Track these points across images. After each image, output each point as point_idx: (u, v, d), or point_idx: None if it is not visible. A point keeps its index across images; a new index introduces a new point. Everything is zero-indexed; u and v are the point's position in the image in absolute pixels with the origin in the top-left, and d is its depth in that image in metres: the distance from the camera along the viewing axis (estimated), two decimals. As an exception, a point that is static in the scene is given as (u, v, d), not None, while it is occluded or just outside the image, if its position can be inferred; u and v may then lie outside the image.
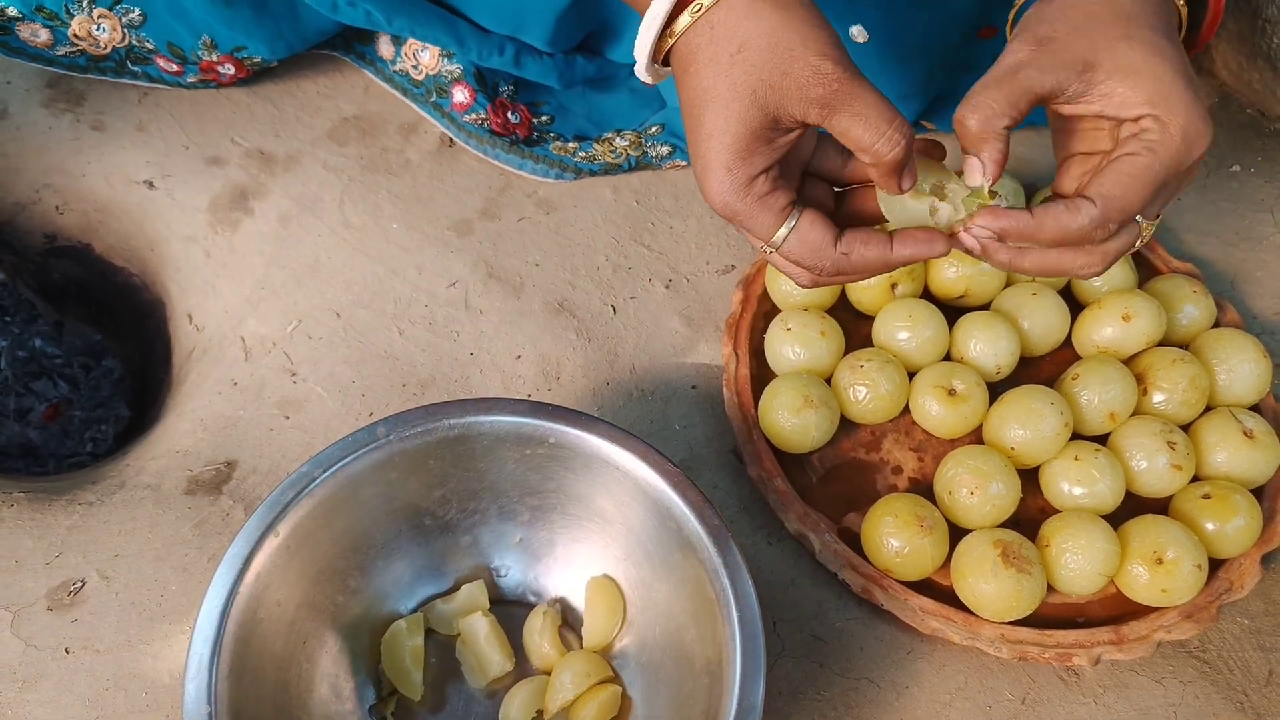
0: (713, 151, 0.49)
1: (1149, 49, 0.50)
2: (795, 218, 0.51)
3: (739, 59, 0.48)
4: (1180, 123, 0.49)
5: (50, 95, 0.84)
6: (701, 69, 0.49)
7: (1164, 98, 0.49)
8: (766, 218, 0.51)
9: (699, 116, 0.49)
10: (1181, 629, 0.61)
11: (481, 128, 0.81)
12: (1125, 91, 0.50)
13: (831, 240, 0.51)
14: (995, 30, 0.73)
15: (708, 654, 0.54)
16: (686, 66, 0.50)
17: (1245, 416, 0.67)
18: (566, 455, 0.59)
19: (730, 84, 0.48)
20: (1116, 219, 0.50)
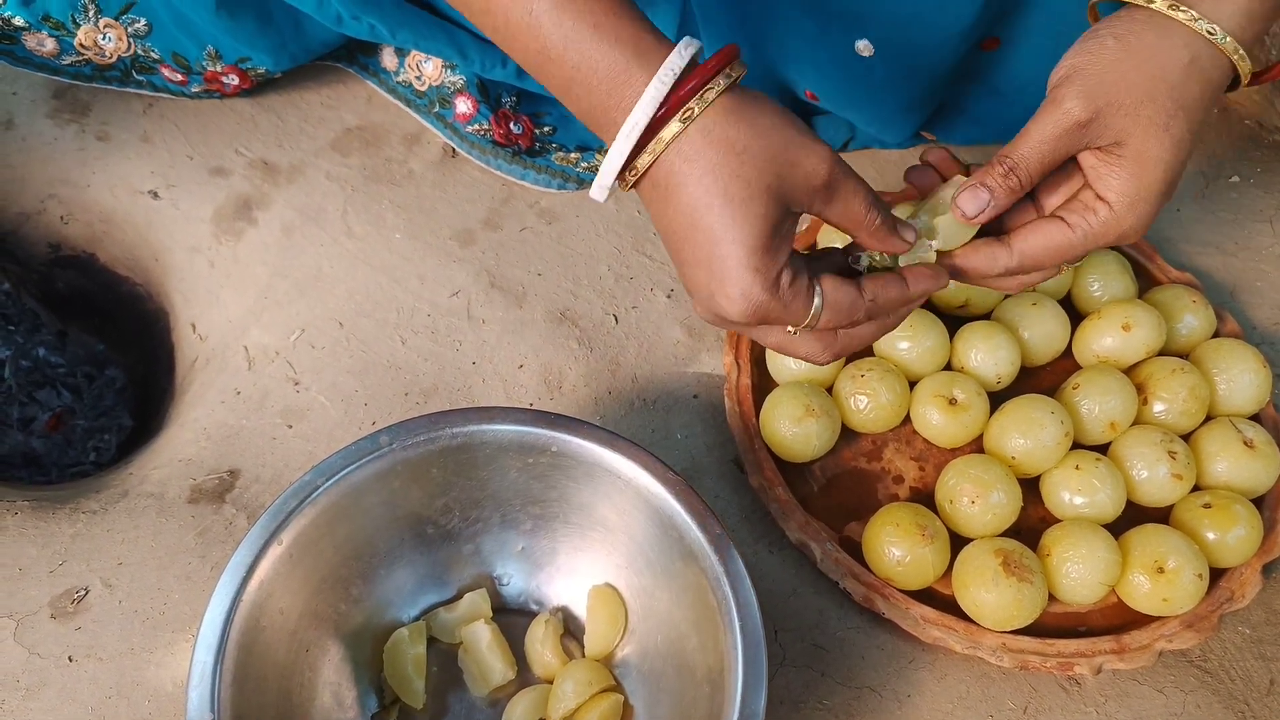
0: (735, 258, 0.47)
1: (1168, 150, 0.51)
2: (819, 290, 0.50)
3: (748, 157, 0.46)
4: (1124, 227, 0.53)
5: (56, 106, 0.84)
6: (704, 176, 0.47)
7: (1133, 202, 0.52)
8: (798, 304, 0.49)
9: (708, 226, 0.47)
10: (1183, 638, 0.62)
11: (484, 138, 0.82)
12: (1116, 178, 0.52)
13: (856, 291, 0.51)
14: (998, 42, 0.73)
15: (709, 663, 0.55)
16: (679, 179, 0.47)
17: (1245, 426, 0.67)
18: (569, 464, 0.59)
19: (745, 183, 0.46)
20: (1029, 270, 0.56)
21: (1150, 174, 0.52)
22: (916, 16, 0.68)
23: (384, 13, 0.73)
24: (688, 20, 0.74)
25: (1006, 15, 0.70)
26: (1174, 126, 0.51)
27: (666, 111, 0.46)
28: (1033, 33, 0.72)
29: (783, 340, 0.53)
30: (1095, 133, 0.52)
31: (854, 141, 0.86)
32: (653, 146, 0.47)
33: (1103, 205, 0.53)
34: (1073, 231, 0.53)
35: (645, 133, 0.46)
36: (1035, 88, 0.77)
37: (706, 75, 0.46)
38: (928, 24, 0.69)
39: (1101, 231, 0.53)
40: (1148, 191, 0.52)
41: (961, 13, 0.68)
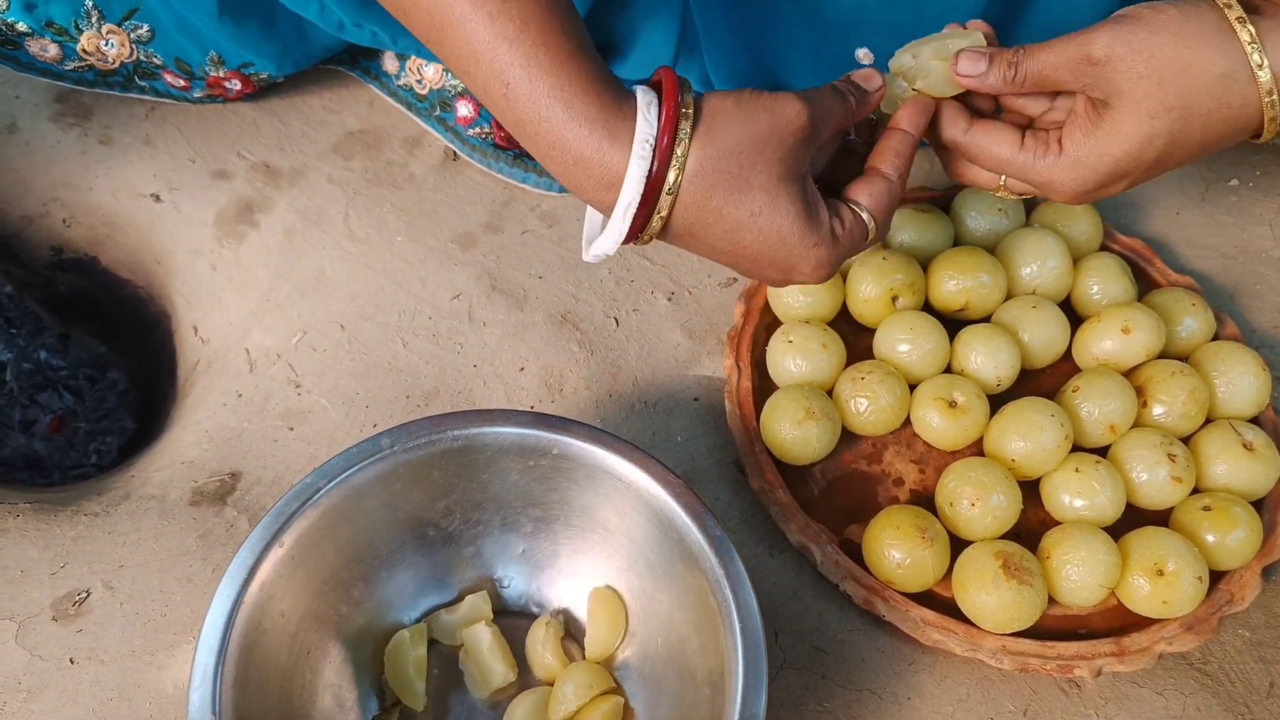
0: (791, 251, 0.51)
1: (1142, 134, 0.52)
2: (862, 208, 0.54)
3: (747, 172, 0.49)
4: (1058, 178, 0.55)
5: (58, 110, 0.84)
6: (722, 209, 0.50)
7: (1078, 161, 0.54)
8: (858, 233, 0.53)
9: (751, 243, 0.51)
10: (1182, 641, 0.62)
11: (485, 141, 0.82)
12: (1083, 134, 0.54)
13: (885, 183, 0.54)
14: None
15: (710, 665, 0.55)
16: (702, 220, 0.50)
17: (1245, 429, 0.67)
18: (569, 466, 0.59)
19: (760, 191, 0.50)
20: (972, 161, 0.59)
21: (1110, 149, 0.53)
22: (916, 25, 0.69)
23: (385, 20, 0.74)
24: (687, 30, 0.74)
25: (1005, 23, 0.70)
26: (1161, 119, 0.51)
27: (656, 173, 0.48)
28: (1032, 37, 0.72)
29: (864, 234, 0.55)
30: (1098, 76, 0.52)
31: (854, 145, 0.86)
32: (658, 211, 0.49)
33: (1055, 148, 0.55)
34: (1020, 152, 0.55)
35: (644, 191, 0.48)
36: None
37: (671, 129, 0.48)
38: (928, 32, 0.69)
39: (1036, 168, 0.55)
40: (1097, 163, 0.53)
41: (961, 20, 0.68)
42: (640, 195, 0.48)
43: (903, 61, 0.58)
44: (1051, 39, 0.54)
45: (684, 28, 0.74)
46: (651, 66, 0.77)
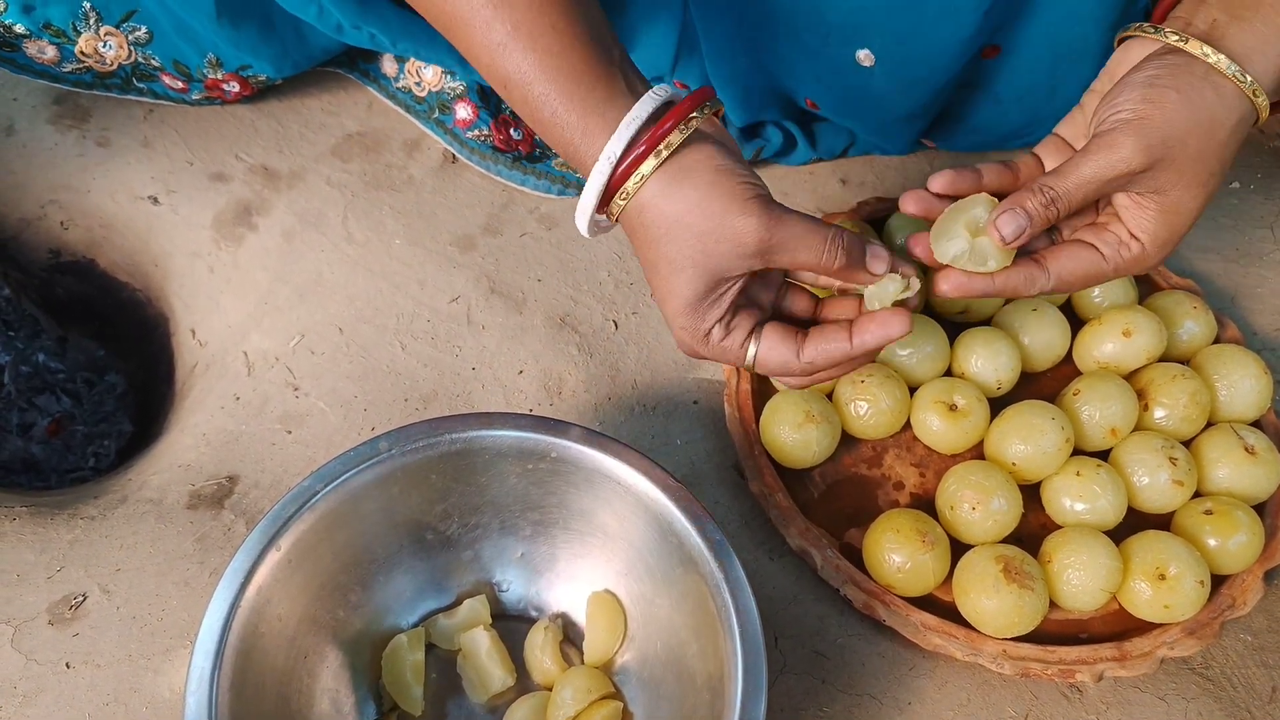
0: (670, 310, 0.54)
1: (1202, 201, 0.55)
2: (755, 345, 0.55)
3: (673, 235, 0.51)
4: (1151, 262, 0.57)
5: (56, 112, 0.84)
6: (645, 242, 0.53)
7: (1164, 243, 0.56)
8: (728, 356, 0.55)
9: (652, 278, 0.54)
10: (1184, 645, 0.61)
11: (484, 144, 0.82)
12: (1150, 220, 0.56)
13: (794, 353, 0.55)
14: (998, 50, 0.73)
15: (709, 669, 0.54)
16: (633, 233, 0.53)
17: (1246, 432, 0.67)
18: (568, 470, 0.59)
19: (669, 258, 0.52)
20: (1061, 292, 0.59)
21: (1182, 220, 0.56)
22: (918, 27, 0.69)
23: (385, 22, 0.74)
24: (687, 31, 0.74)
25: (1007, 23, 0.70)
26: (1211, 183, 0.55)
27: (624, 172, 0.51)
28: (1032, 41, 0.72)
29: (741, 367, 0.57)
30: (1142, 182, 0.54)
31: (854, 148, 0.86)
32: (611, 207, 0.53)
33: (1136, 243, 0.56)
34: (1106, 263, 0.57)
35: (598, 204, 0.52)
36: (1035, 95, 0.78)
37: (640, 158, 0.50)
38: (929, 35, 0.69)
39: (1131, 265, 0.57)
40: (1176, 234, 0.56)
41: (963, 23, 0.68)
42: (596, 198, 0.52)
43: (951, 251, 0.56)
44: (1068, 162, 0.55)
45: (684, 29, 0.74)
46: (651, 68, 0.76)
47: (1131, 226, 0.56)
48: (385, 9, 0.73)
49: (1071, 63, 0.74)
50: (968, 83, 0.77)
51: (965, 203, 0.57)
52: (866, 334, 0.54)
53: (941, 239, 0.57)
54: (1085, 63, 0.74)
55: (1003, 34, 0.72)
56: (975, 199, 0.57)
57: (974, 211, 0.57)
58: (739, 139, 0.82)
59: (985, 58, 0.74)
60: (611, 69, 0.51)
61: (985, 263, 0.56)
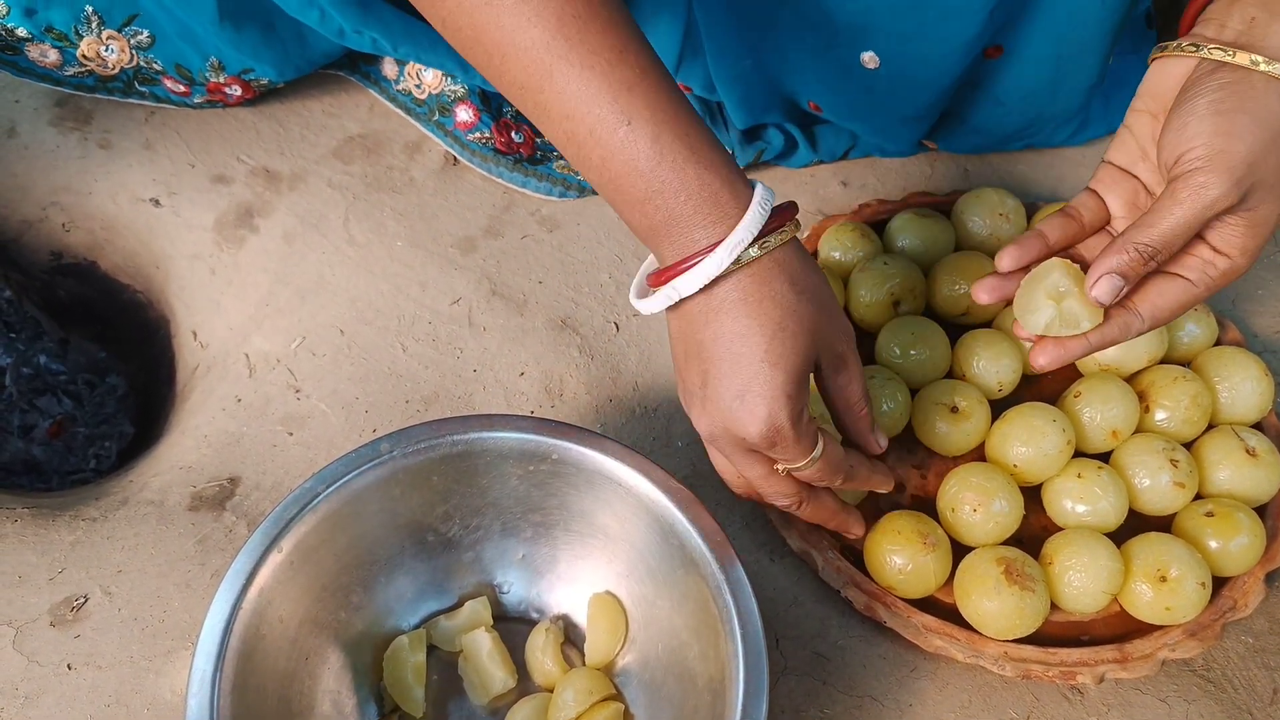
0: (775, 381, 0.50)
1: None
2: (823, 440, 0.55)
3: (803, 299, 0.51)
4: (1240, 272, 0.55)
5: (58, 114, 0.84)
6: (763, 301, 0.50)
7: (1252, 252, 0.55)
8: (806, 443, 0.53)
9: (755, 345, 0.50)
10: (1186, 647, 0.61)
11: (485, 146, 0.82)
12: (1236, 235, 0.54)
13: (844, 453, 0.57)
14: (1001, 50, 0.73)
15: (710, 671, 0.54)
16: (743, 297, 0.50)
17: (1248, 435, 0.67)
18: (569, 471, 0.59)
19: (799, 320, 0.51)
20: (1156, 327, 0.58)
21: (1268, 228, 0.55)
22: (922, 28, 0.69)
23: (386, 27, 0.74)
24: (691, 33, 0.74)
25: (1011, 23, 0.70)
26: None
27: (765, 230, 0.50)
28: (1036, 41, 0.72)
29: (765, 474, 0.55)
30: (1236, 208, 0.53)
31: (855, 150, 0.86)
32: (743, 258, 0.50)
33: (1223, 259, 0.55)
34: (1197, 287, 0.56)
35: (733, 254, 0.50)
36: (1037, 96, 0.78)
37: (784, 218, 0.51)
38: (933, 35, 0.69)
39: (1220, 280, 0.56)
40: (1263, 240, 0.55)
41: (967, 23, 0.68)
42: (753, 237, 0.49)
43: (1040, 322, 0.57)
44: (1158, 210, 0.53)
45: (688, 30, 0.74)
46: None
47: (1217, 244, 0.55)
48: (386, 13, 0.73)
49: (1073, 63, 0.74)
50: (970, 83, 0.77)
51: (1040, 271, 0.59)
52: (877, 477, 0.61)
53: (1027, 313, 0.58)
54: (1086, 63, 0.75)
55: (1006, 34, 0.72)
56: (1049, 265, 0.58)
57: (1052, 278, 0.58)
58: (740, 142, 0.82)
59: (988, 58, 0.74)
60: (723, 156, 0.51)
61: (1078, 325, 0.56)
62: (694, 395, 0.54)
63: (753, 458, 0.55)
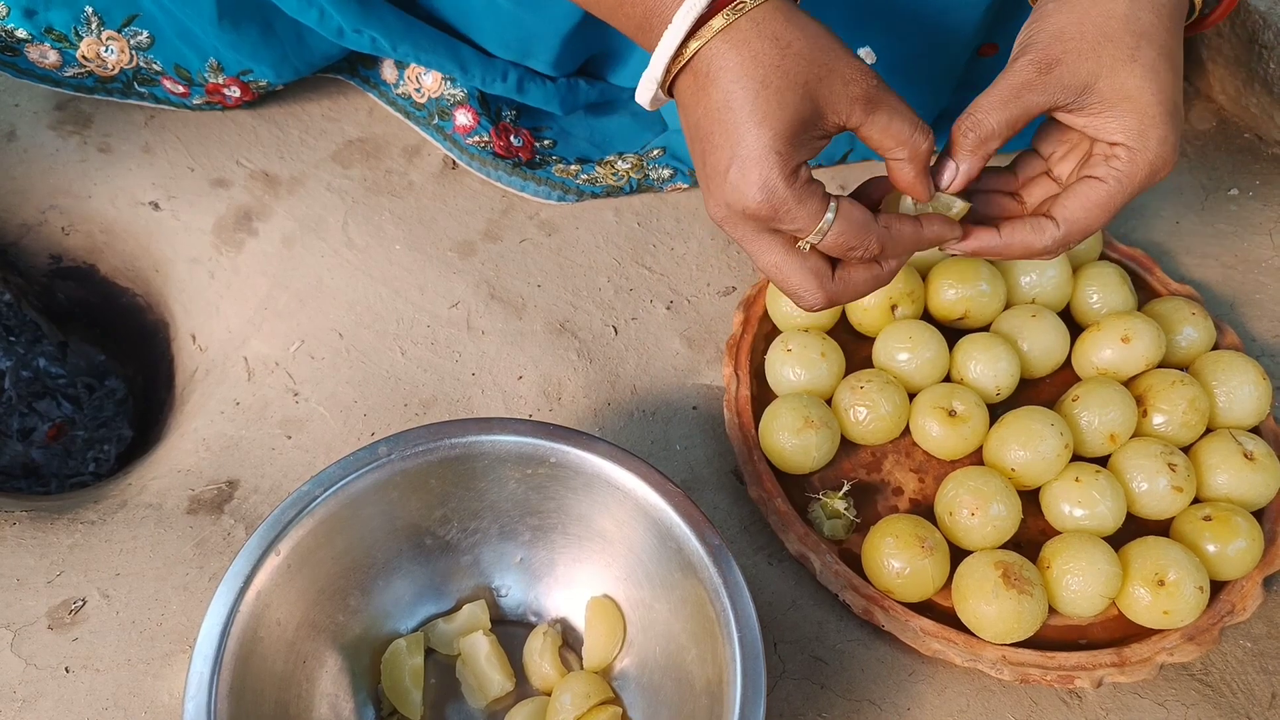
0: (761, 141, 0.49)
1: (1146, 74, 0.52)
2: (835, 205, 0.51)
3: (791, 53, 0.48)
4: (1149, 157, 0.53)
5: (58, 118, 0.84)
6: (744, 63, 0.48)
7: (1142, 130, 0.52)
8: (811, 204, 0.50)
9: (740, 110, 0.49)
10: (1184, 651, 0.61)
11: (484, 150, 0.82)
12: (1110, 119, 0.53)
13: (872, 217, 0.52)
14: (996, 48, 0.73)
15: (708, 675, 0.54)
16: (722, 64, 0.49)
17: (1246, 439, 0.67)
18: (567, 475, 0.59)
19: (783, 74, 0.48)
20: (1076, 239, 0.55)
21: (1141, 100, 0.52)
22: (919, 24, 0.69)
23: (386, 26, 0.74)
24: None
25: (1006, 20, 0.70)
26: (1141, 54, 0.52)
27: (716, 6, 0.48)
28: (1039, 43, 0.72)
29: (780, 261, 0.53)
30: (1057, 85, 0.52)
31: (854, 153, 0.86)
32: (702, 33, 0.49)
33: (1118, 148, 0.53)
34: (1105, 183, 0.54)
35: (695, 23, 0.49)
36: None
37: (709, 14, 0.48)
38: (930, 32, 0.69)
39: (1131, 170, 0.53)
40: (1149, 117, 0.52)
41: (964, 20, 0.68)
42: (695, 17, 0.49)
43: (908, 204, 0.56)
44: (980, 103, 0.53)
45: None
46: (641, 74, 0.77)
47: (1104, 137, 0.54)
48: (386, 12, 0.73)
49: None
50: (966, 83, 0.77)
51: None
52: (935, 224, 0.54)
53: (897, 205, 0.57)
54: None
55: (1001, 30, 0.72)
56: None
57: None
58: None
59: (983, 56, 0.74)
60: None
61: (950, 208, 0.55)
62: (701, 181, 0.53)
63: (768, 240, 0.52)
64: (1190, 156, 0.89)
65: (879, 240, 0.52)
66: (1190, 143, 0.90)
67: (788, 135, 0.49)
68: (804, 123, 0.49)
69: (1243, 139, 0.90)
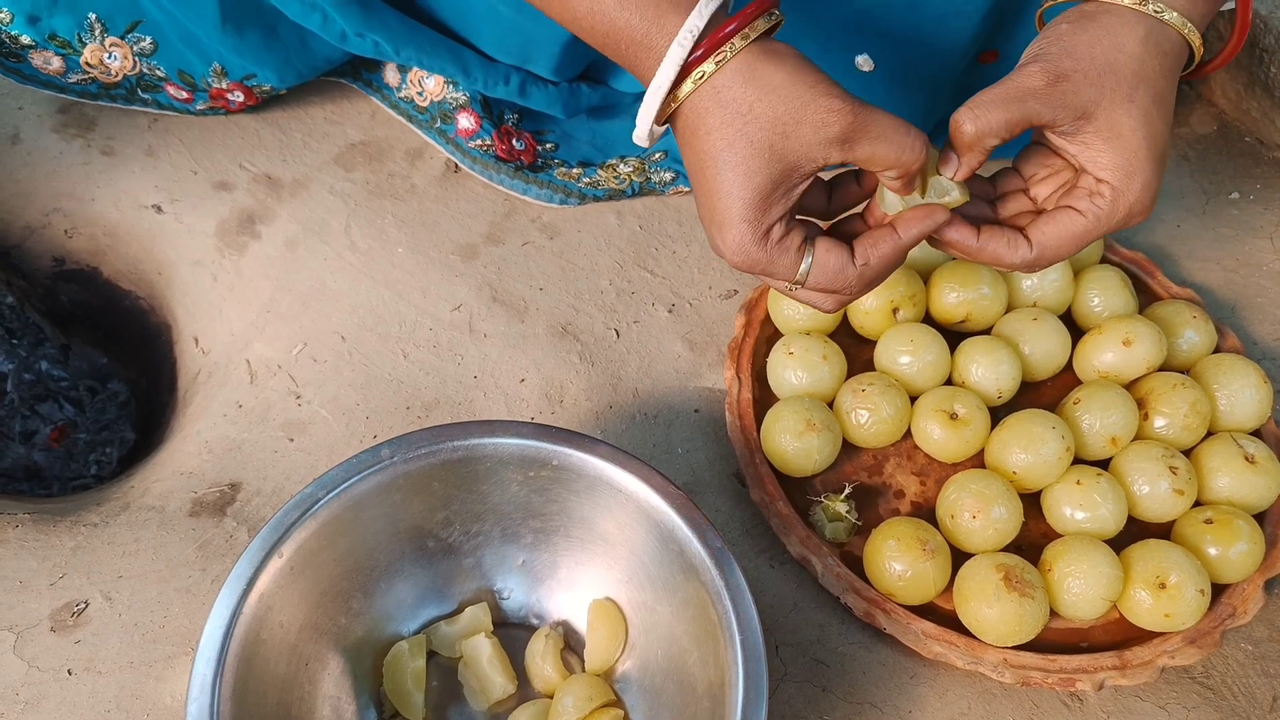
0: (732, 209, 0.51)
1: (1140, 117, 0.53)
2: (810, 252, 0.54)
3: (752, 119, 0.50)
4: (1130, 200, 0.54)
5: (61, 121, 0.85)
6: (712, 132, 0.50)
7: (1129, 174, 0.54)
8: (785, 260, 0.53)
9: (714, 176, 0.51)
10: (1185, 654, 0.61)
11: (486, 154, 0.82)
12: (1101, 153, 0.54)
13: (849, 259, 0.54)
14: (996, 54, 0.73)
15: (710, 677, 0.54)
16: (695, 130, 0.51)
17: (1247, 442, 0.67)
18: (569, 478, 0.59)
19: (748, 142, 0.50)
20: (1044, 265, 0.57)
21: (1132, 143, 0.54)
22: (917, 30, 0.69)
23: (389, 30, 0.74)
24: None
25: (1006, 26, 0.70)
26: (1139, 97, 0.53)
27: (693, 62, 0.50)
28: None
29: (783, 287, 0.56)
30: (1064, 99, 0.53)
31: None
32: (694, 75, 0.50)
33: (1104, 185, 0.54)
34: (1084, 217, 0.55)
35: (669, 90, 0.50)
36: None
37: (715, 43, 0.49)
38: (928, 38, 0.69)
39: (1110, 210, 0.55)
40: (1138, 161, 0.54)
41: (962, 26, 0.68)
42: (672, 78, 0.50)
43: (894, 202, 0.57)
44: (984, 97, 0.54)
45: None
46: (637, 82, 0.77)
47: (1092, 170, 0.55)
48: (389, 16, 0.73)
49: None
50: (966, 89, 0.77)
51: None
52: (912, 225, 0.54)
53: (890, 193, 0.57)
54: None
55: (1002, 37, 0.72)
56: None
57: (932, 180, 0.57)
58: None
59: (983, 63, 0.75)
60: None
61: (947, 193, 0.56)
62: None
63: (764, 279, 0.55)
64: (1191, 160, 0.89)
65: (859, 278, 0.55)
66: (1191, 146, 0.90)
67: (756, 202, 0.51)
68: (774, 184, 0.51)
69: (1244, 143, 0.90)
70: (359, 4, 0.72)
